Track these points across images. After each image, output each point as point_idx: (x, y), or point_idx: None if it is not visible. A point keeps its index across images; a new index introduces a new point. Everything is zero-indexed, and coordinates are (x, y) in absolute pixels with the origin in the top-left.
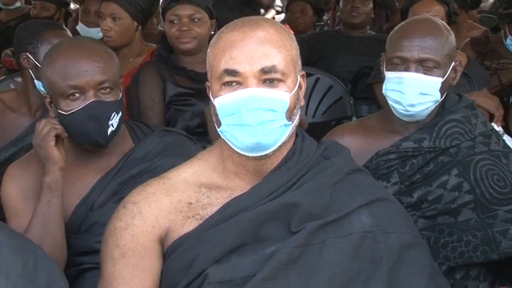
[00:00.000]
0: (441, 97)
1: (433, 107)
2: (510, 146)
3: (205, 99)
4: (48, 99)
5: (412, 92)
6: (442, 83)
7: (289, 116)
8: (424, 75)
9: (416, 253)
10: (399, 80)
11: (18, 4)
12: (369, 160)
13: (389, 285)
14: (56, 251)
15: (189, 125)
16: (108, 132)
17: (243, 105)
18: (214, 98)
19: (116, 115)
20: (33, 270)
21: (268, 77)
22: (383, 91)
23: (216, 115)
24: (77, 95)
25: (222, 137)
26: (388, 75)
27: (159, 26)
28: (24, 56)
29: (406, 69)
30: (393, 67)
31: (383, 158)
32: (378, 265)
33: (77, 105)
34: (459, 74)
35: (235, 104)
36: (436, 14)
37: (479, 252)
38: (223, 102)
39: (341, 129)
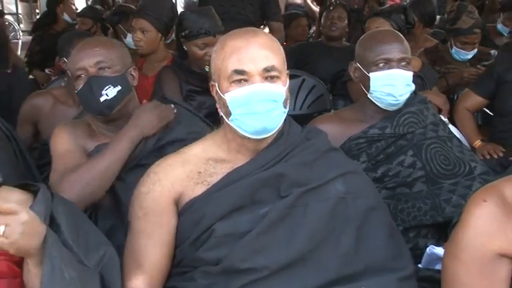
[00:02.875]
0: None
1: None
2: (454, 133)
3: (210, 94)
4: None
5: (401, 84)
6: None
7: (285, 105)
8: (404, 71)
9: (379, 214)
10: (389, 77)
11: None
12: (342, 144)
13: (357, 240)
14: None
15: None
16: (101, 100)
17: (252, 97)
18: (224, 93)
19: (111, 87)
20: (84, 236)
21: (269, 75)
22: (371, 89)
23: (226, 107)
24: (83, 76)
25: (232, 125)
26: (375, 75)
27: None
28: (63, 61)
29: (390, 68)
30: (378, 68)
31: (354, 142)
32: (349, 224)
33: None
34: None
35: (245, 96)
36: (382, 27)
37: (429, 216)
38: (234, 96)
39: (321, 118)
